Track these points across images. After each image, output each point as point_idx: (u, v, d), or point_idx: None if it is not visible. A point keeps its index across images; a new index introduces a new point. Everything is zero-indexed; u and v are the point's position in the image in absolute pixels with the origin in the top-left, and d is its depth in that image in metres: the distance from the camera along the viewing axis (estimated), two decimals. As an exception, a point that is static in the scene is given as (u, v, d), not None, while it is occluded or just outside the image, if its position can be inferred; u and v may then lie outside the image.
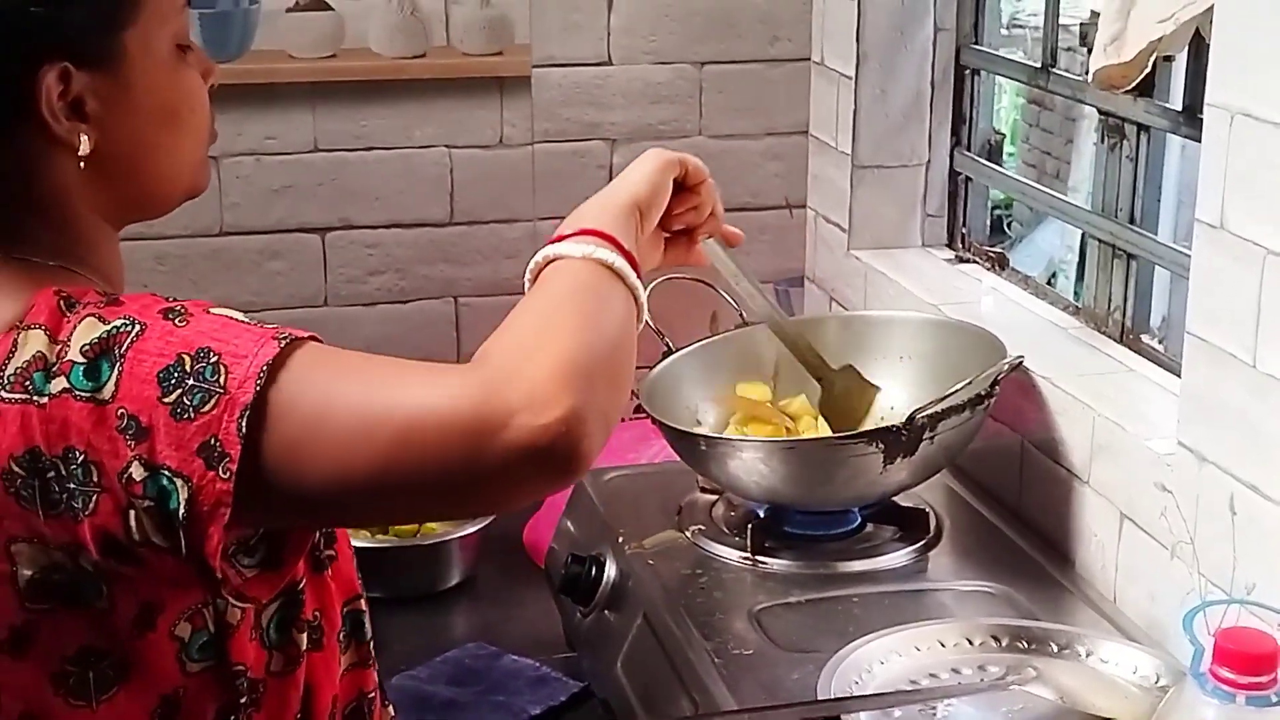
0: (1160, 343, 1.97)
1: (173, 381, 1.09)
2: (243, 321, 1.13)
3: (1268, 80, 1.40)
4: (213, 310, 1.14)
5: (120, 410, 1.10)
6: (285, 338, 1.11)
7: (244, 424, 1.07)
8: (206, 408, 1.08)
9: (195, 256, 2.43)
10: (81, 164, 1.20)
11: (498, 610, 2.17)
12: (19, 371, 1.11)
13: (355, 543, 2.16)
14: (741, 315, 2.12)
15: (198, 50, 1.31)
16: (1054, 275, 5.52)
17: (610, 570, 1.90)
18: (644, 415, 1.93)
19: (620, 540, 1.92)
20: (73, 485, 1.11)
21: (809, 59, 2.53)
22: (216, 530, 1.09)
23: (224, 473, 1.08)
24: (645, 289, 1.34)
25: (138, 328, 1.11)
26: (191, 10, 2.27)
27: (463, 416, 1.08)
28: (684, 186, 1.47)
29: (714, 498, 1.99)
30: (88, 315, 1.13)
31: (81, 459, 1.10)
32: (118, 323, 1.12)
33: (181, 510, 1.09)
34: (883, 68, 2.38)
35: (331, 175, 2.46)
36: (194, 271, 2.44)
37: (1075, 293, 2.23)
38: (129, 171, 1.26)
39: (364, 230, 2.48)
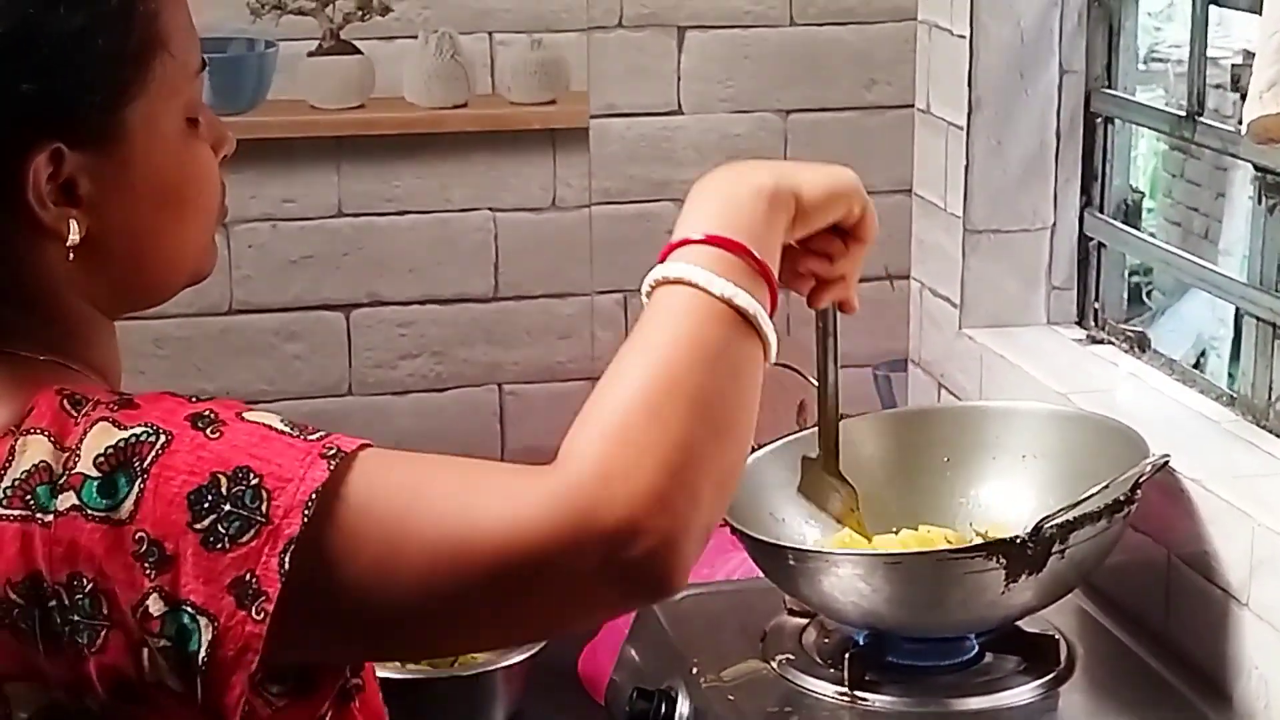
0: (1333, 438, 1.94)
1: (206, 505, 1.08)
2: (284, 432, 1.12)
3: None
4: (246, 416, 1.13)
5: (140, 534, 1.09)
6: (334, 454, 1.10)
7: (287, 559, 1.06)
8: (245, 538, 1.08)
9: (200, 338, 2.45)
10: (70, 254, 1.20)
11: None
12: (18, 484, 1.11)
13: (381, 673, 2.17)
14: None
15: (210, 117, 1.31)
16: (1203, 355, 5.48)
17: (683, 707, 1.89)
18: (722, 523, 1.93)
19: (694, 671, 1.91)
20: (78, 617, 1.10)
21: (912, 106, 2.52)
22: (240, 679, 1.08)
23: (258, 613, 1.07)
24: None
25: (163, 438, 1.10)
26: (199, 57, 2.32)
27: (553, 545, 1.07)
28: (847, 232, 1.39)
29: (805, 621, 1.98)
30: (100, 419, 1.12)
31: (90, 588, 1.09)
32: (138, 430, 1.11)
33: (202, 653, 1.08)
34: (999, 116, 2.38)
35: (358, 244, 2.48)
36: (199, 356, 2.45)
37: (1229, 378, 2.21)
38: (126, 259, 1.26)
39: (395, 307, 2.50)
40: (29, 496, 1.10)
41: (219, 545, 1.07)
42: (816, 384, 1.74)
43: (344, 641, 1.15)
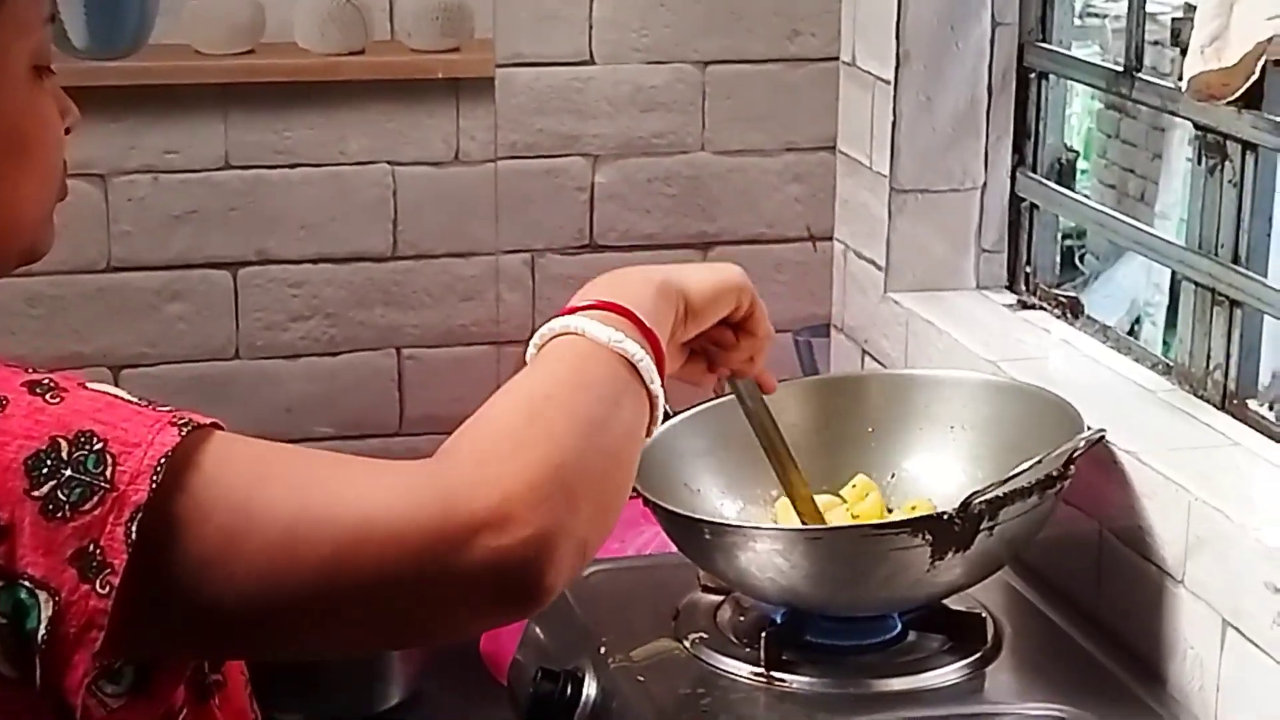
0: (1271, 409, 1.97)
1: (45, 471, 1.06)
2: (130, 402, 1.11)
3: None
4: (89, 385, 1.12)
5: None
6: (185, 423, 1.09)
7: (133, 528, 1.04)
8: (88, 506, 1.06)
9: (76, 298, 2.45)
10: None
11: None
12: None
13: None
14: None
15: (55, 83, 1.28)
16: (1138, 322, 5.51)
17: (589, 688, 1.89)
18: (634, 495, 1.93)
19: (602, 651, 1.92)
20: None
21: (837, 59, 2.55)
22: (83, 659, 1.06)
23: (102, 586, 1.05)
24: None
25: None
26: (76, -6, 2.30)
27: (417, 527, 1.07)
28: (738, 325, 1.49)
29: (719, 599, 1.99)
30: None
31: None
32: None
33: (42, 631, 1.06)
34: (928, 70, 2.40)
35: (247, 198, 2.47)
36: (74, 317, 2.45)
37: (1165, 345, 2.24)
38: None
39: (286, 266, 2.50)
40: None
41: (59, 514, 1.06)
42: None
43: (189, 631, 1.12)
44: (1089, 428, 1.87)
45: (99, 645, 1.05)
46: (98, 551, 1.04)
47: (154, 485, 1.05)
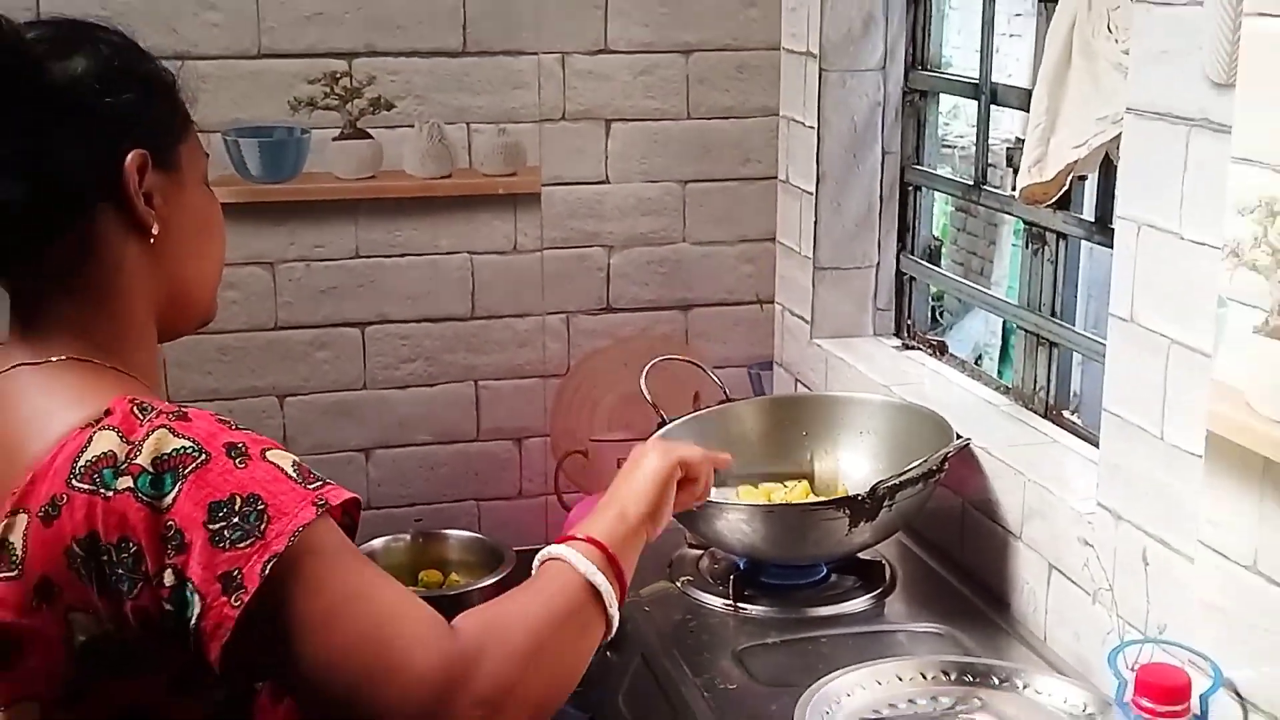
0: (1075, 414, 1.98)
1: (220, 515, 1.09)
2: (291, 477, 1.13)
3: (1167, 198, 1.42)
4: (268, 455, 1.14)
5: (170, 522, 1.09)
6: (322, 504, 1.12)
7: (268, 568, 1.07)
8: (242, 545, 1.09)
9: (253, 348, 2.42)
10: (151, 239, 1.21)
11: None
12: (89, 465, 1.10)
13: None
14: (725, 393, 2.12)
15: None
16: (980, 356, 5.54)
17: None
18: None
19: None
20: (122, 570, 1.10)
21: (776, 178, 2.54)
22: (215, 647, 1.08)
23: (235, 601, 1.07)
24: (643, 379, 1.34)
25: (203, 457, 1.11)
26: (252, 139, 2.30)
27: (429, 686, 1.10)
28: (686, 478, 1.49)
29: (700, 553, 1.99)
30: (160, 426, 1.12)
31: (133, 550, 1.10)
32: (186, 444, 1.11)
33: (193, 621, 1.09)
34: (838, 185, 2.39)
35: (370, 278, 2.45)
36: (252, 361, 2.42)
37: (1000, 372, 2.23)
38: (176, 264, 1.25)
39: (398, 324, 2.47)
40: (96, 476, 1.10)
41: (221, 544, 1.08)
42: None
43: (266, 651, 1.12)
44: (958, 435, 1.88)
45: (226, 639, 1.08)
46: (239, 577, 1.08)
47: (289, 543, 1.09)
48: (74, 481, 1.10)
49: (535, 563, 1.28)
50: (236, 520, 1.09)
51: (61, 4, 2.11)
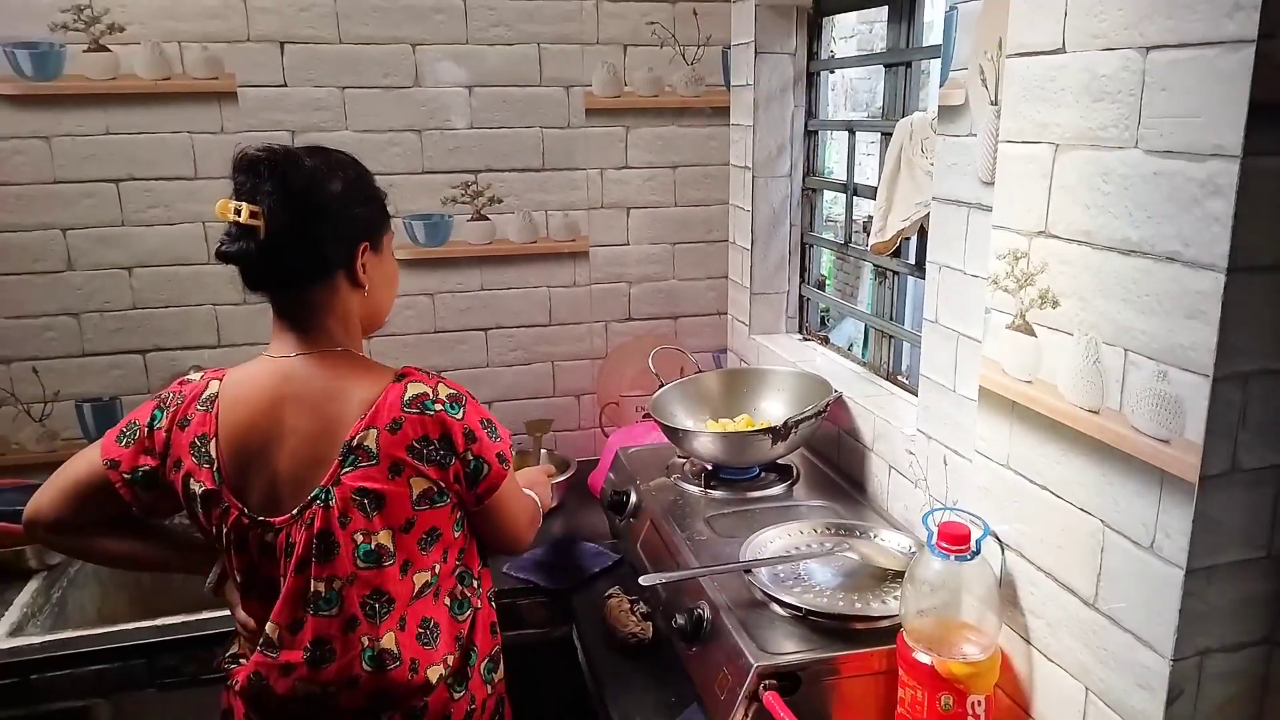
0: (906, 379, 1.97)
1: (484, 425, 1.23)
2: (484, 428, 1.24)
3: (956, 249, 1.43)
4: (470, 402, 1.24)
5: (465, 427, 1.21)
6: (501, 456, 1.26)
7: (502, 456, 1.25)
8: (496, 439, 1.24)
9: (422, 342, 2.42)
10: (365, 292, 1.25)
11: (576, 519, 2.16)
12: (412, 399, 1.19)
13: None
14: (699, 368, 2.13)
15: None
16: (851, 346, 5.49)
17: (634, 497, 1.90)
18: (650, 419, 1.93)
19: (638, 482, 1.92)
20: (443, 452, 1.19)
21: (727, 240, 2.54)
22: (490, 492, 1.23)
23: (507, 466, 1.23)
24: (651, 361, 1.37)
25: (465, 396, 1.23)
26: (420, 221, 2.31)
27: (527, 539, 1.36)
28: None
29: (685, 460, 2.00)
30: (439, 381, 1.23)
31: (450, 441, 1.19)
32: (455, 391, 1.23)
33: (483, 481, 1.21)
34: (765, 244, 2.39)
35: (489, 303, 2.44)
36: (422, 350, 2.42)
37: (862, 354, 2.23)
38: (375, 303, 1.29)
39: (507, 329, 2.47)
40: (420, 405, 1.19)
41: (492, 437, 1.25)
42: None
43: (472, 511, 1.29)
44: (835, 391, 1.88)
45: (481, 494, 1.26)
46: (501, 456, 1.26)
47: (498, 459, 1.26)
48: (405, 409, 1.19)
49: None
50: (490, 428, 1.24)
51: (314, 138, 2.15)
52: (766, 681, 1.29)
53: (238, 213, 1.15)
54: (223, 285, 2.25)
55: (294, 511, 1.17)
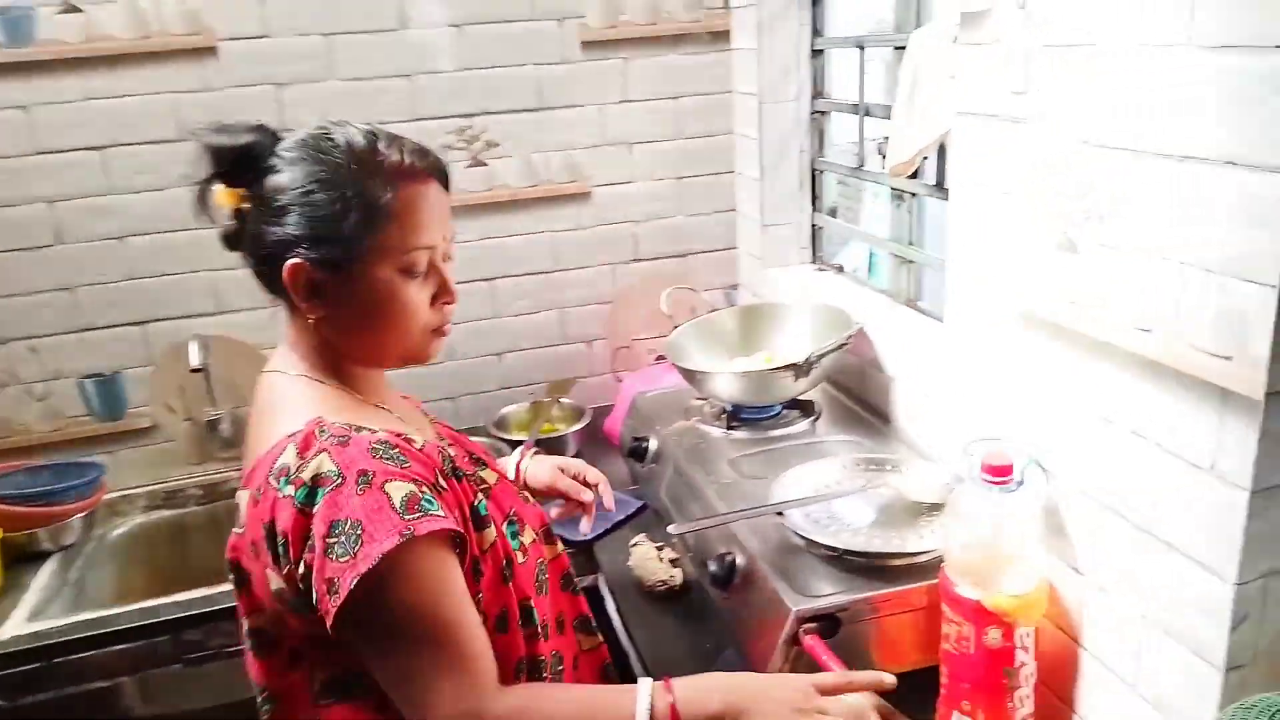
0: (925, 304, 1.92)
1: (335, 531, 0.92)
2: (394, 508, 0.92)
3: (982, 167, 1.36)
4: (386, 486, 0.93)
5: (309, 526, 0.94)
6: (408, 534, 0.91)
7: (354, 583, 0.90)
8: (343, 559, 0.91)
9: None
10: (315, 324, 1.04)
11: (595, 467, 2.14)
12: (278, 470, 0.97)
13: (511, 437, 2.10)
14: (712, 307, 2.08)
15: (443, 279, 1.06)
16: (855, 272, 5.42)
17: (654, 443, 1.88)
18: (664, 361, 1.90)
19: (657, 427, 1.89)
20: (282, 551, 0.96)
21: (734, 172, 2.47)
22: (328, 624, 0.93)
23: (334, 602, 0.91)
24: (663, 301, 1.25)
25: (338, 481, 0.93)
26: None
27: None
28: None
29: (704, 402, 1.96)
30: (323, 450, 0.95)
31: (288, 539, 0.95)
32: (333, 469, 0.94)
33: (314, 603, 0.94)
34: (774, 173, 2.32)
35: (494, 250, 2.37)
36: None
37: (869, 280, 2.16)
38: (344, 341, 1.06)
39: (513, 277, 2.41)
40: (279, 480, 0.96)
41: (330, 555, 0.92)
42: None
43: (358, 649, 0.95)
44: (855, 324, 1.84)
45: (330, 624, 0.92)
46: (337, 584, 0.91)
47: (371, 565, 0.90)
48: (270, 479, 0.97)
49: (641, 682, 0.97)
50: (343, 539, 0.91)
51: (301, 90, 2.08)
52: (806, 625, 1.27)
53: (226, 196, 1.04)
54: (220, 251, 2.19)
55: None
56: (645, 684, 0.96)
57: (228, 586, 1.08)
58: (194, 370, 2.08)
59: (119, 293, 2.18)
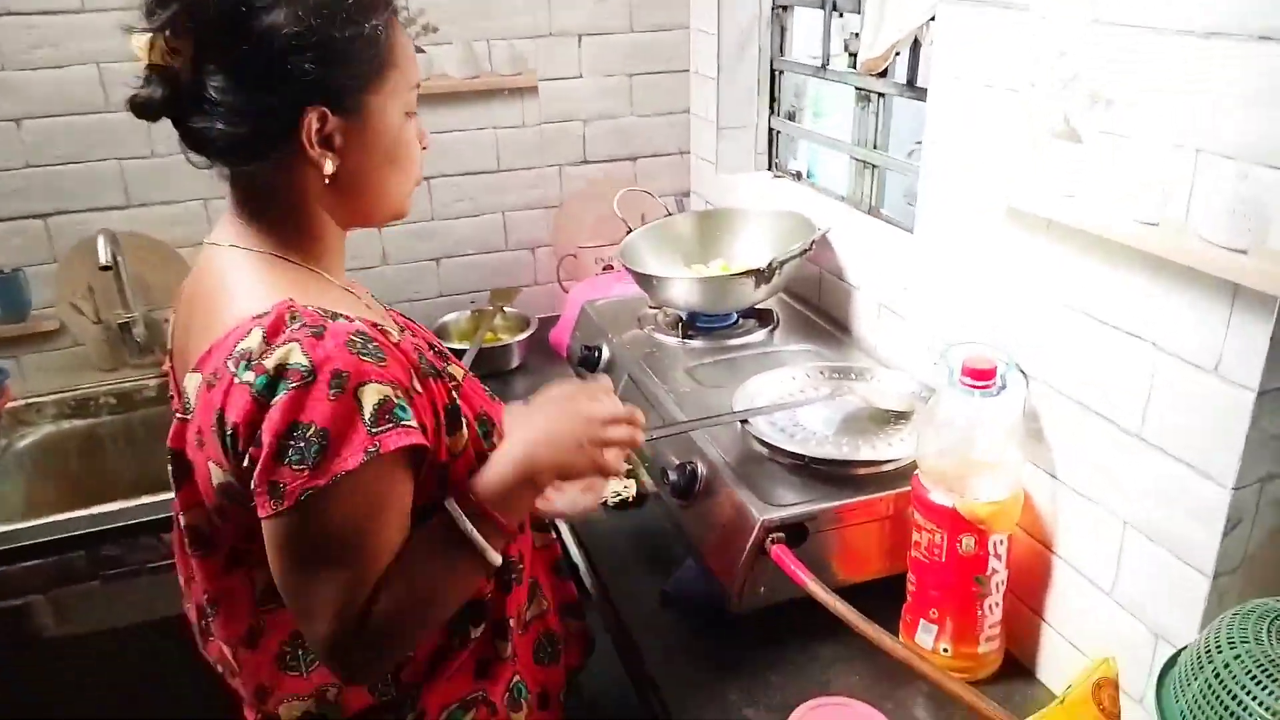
0: (886, 212, 1.86)
1: (294, 433, 0.85)
2: (364, 421, 0.86)
3: (969, 58, 1.29)
4: (359, 392, 0.86)
5: (268, 417, 0.86)
6: (373, 450, 0.86)
7: (304, 497, 0.85)
8: (298, 468, 0.85)
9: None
10: (326, 180, 0.95)
11: (542, 377, 2.05)
12: (240, 354, 0.88)
13: (453, 346, 2.02)
14: (667, 211, 2.00)
15: (419, 123, 1.02)
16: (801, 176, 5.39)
17: (605, 351, 1.80)
18: (612, 270, 1.81)
19: (610, 335, 1.81)
20: (230, 442, 0.89)
21: (689, 70, 2.35)
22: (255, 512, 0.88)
23: (273, 507, 0.86)
24: (615, 204, 1.17)
25: (309, 379, 0.85)
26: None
27: (324, 649, 0.89)
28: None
29: (657, 309, 1.89)
30: (293, 340, 0.87)
31: (236, 429, 0.87)
32: (301, 363, 0.86)
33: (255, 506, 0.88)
34: (730, 71, 2.22)
35: (431, 145, 2.25)
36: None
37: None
38: (356, 190, 0.98)
39: (452, 177, 2.29)
40: (239, 364, 0.88)
41: (280, 460, 0.85)
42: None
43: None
44: (818, 229, 1.78)
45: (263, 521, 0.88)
46: (282, 490, 0.85)
47: (330, 483, 0.85)
48: (228, 363, 0.89)
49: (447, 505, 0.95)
50: (301, 445, 0.84)
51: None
52: (773, 535, 1.23)
53: (150, 49, 0.92)
54: (129, 135, 2.01)
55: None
56: (450, 504, 0.94)
57: (148, 499, 0.98)
58: (103, 268, 1.91)
59: (17, 180, 1.98)
